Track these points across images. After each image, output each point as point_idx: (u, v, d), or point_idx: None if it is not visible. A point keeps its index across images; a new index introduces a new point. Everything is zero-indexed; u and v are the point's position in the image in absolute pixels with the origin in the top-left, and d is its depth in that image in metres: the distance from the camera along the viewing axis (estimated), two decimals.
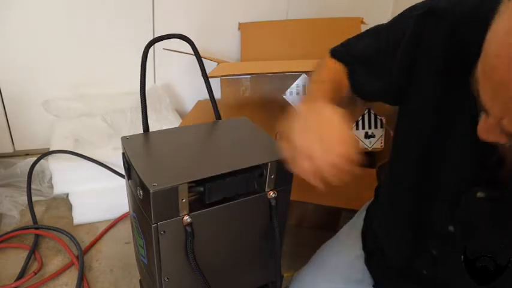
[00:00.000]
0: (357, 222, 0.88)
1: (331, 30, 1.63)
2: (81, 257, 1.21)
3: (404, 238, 0.68)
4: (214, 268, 0.68)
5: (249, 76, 1.37)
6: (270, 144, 0.70)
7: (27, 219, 1.36)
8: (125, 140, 0.69)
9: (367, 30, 0.71)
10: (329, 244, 0.91)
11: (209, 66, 1.10)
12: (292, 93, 1.38)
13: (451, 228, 0.57)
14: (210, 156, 0.67)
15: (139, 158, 0.65)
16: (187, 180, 0.58)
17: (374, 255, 0.79)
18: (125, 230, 1.38)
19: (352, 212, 1.40)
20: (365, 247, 0.82)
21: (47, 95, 1.52)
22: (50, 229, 1.32)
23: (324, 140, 0.52)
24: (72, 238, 1.29)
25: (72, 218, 1.38)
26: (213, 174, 0.60)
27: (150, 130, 0.74)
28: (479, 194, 0.52)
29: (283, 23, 1.68)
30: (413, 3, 0.59)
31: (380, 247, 0.76)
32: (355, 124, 1.38)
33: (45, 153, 1.37)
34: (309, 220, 1.46)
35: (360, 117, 1.38)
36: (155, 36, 0.77)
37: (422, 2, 0.59)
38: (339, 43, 0.74)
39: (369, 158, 1.47)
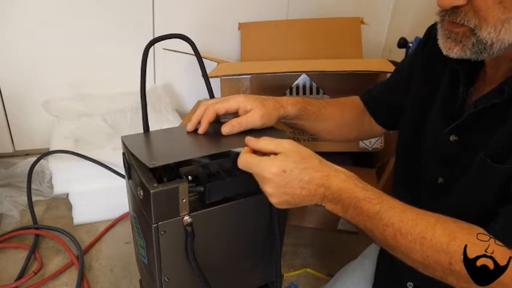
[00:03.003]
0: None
1: (331, 30, 1.62)
2: (81, 257, 1.21)
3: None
4: (214, 268, 0.68)
5: (249, 76, 1.37)
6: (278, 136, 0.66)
7: (27, 219, 1.36)
8: (125, 139, 0.69)
9: None
10: (349, 264, 0.94)
11: (209, 66, 1.10)
12: (292, 93, 1.38)
13: (441, 180, 0.65)
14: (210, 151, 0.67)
15: (140, 157, 0.65)
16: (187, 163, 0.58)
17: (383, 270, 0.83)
18: (125, 230, 1.38)
19: None
20: (378, 265, 0.85)
21: (47, 95, 1.52)
22: (50, 229, 1.32)
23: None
24: (72, 238, 1.29)
25: (72, 218, 1.39)
26: (206, 154, 0.61)
27: (150, 130, 0.74)
28: (452, 138, 0.62)
29: (283, 23, 1.68)
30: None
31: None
32: None
33: (45, 153, 1.37)
34: (309, 220, 1.46)
35: None
36: (155, 36, 0.77)
37: None
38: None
39: (369, 158, 1.47)
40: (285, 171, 0.53)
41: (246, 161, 0.56)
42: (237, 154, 0.59)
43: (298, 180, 0.53)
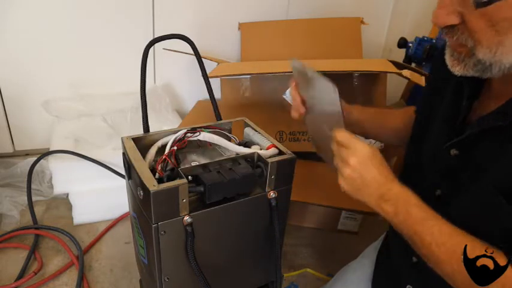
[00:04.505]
0: (377, 244, 0.91)
1: (331, 30, 1.62)
2: (81, 257, 1.21)
3: None
4: (214, 268, 0.68)
5: (249, 76, 1.37)
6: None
7: (27, 219, 1.36)
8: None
9: None
10: (349, 264, 0.94)
11: (209, 66, 1.10)
12: (292, 93, 1.38)
13: (438, 192, 0.65)
14: None
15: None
16: None
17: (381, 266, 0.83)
18: (125, 230, 1.38)
19: (352, 212, 1.41)
20: (377, 260, 0.85)
21: (47, 95, 1.52)
22: (50, 229, 1.32)
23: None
24: (72, 238, 1.29)
25: (72, 218, 1.39)
26: None
27: (150, 130, 0.75)
28: (453, 152, 0.61)
29: (283, 23, 1.68)
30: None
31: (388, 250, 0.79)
32: None
33: (45, 153, 1.37)
34: (309, 220, 1.46)
35: None
36: (155, 36, 0.77)
37: None
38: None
39: None
40: (375, 156, 0.61)
41: (347, 136, 0.62)
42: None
43: (377, 168, 0.61)
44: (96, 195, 1.39)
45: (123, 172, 0.69)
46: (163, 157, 0.67)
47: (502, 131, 0.54)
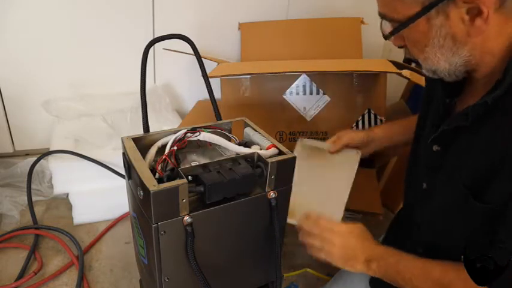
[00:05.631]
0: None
1: (331, 30, 1.62)
2: (81, 257, 1.21)
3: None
4: (214, 268, 0.69)
5: (249, 76, 1.37)
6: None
7: (27, 219, 1.36)
8: None
9: None
10: None
11: (209, 66, 1.10)
12: (292, 93, 1.38)
13: (424, 185, 0.72)
14: None
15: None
16: None
17: None
18: (125, 230, 1.38)
19: (352, 212, 1.40)
20: None
21: (47, 95, 1.52)
22: (50, 229, 1.32)
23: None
24: (72, 238, 1.29)
25: (72, 218, 1.38)
26: None
27: (150, 130, 0.75)
28: (435, 148, 0.67)
29: (283, 23, 1.68)
30: None
31: None
32: (355, 124, 1.38)
33: (45, 153, 1.37)
34: None
35: (360, 117, 1.38)
36: (155, 36, 0.77)
37: None
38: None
39: (369, 158, 1.47)
40: (353, 231, 0.75)
41: (326, 221, 0.78)
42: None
43: (356, 239, 0.74)
44: (96, 195, 1.39)
45: (123, 172, 0.69)
46: (163, 157, 0.67)
47: (469, 130, 0.60)
